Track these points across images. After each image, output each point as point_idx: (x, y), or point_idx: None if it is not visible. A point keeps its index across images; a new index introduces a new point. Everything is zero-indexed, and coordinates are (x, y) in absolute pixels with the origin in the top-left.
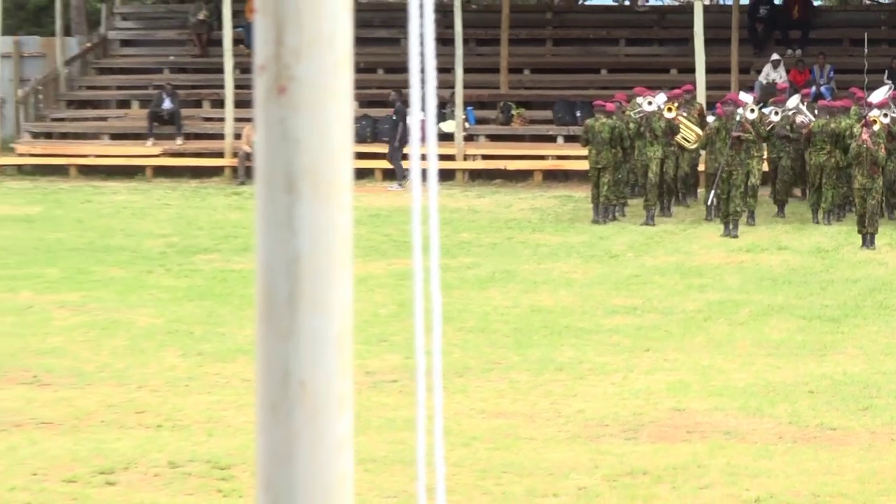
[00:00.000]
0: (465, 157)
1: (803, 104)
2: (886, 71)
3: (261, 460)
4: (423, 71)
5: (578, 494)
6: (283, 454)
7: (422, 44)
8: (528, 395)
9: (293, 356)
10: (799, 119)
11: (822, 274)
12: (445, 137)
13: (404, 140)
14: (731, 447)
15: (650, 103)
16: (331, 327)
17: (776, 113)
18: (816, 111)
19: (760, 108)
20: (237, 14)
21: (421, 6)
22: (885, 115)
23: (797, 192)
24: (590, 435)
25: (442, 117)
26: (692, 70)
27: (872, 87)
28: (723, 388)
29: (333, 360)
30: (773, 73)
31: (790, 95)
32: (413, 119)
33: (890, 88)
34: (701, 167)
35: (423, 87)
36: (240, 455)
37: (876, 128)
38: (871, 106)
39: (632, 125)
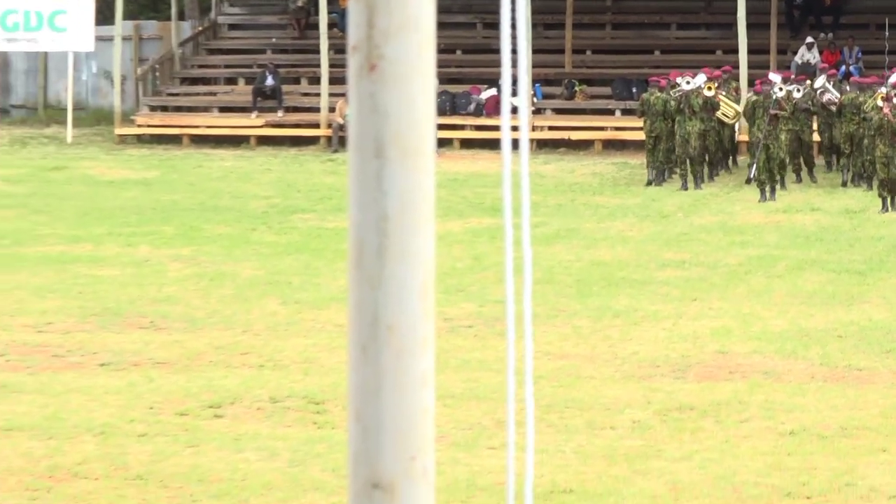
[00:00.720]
0: (534, 129)
1: (829, 83)
2: None
3: (352, 396)
4: (514, 52)
5: (633, 427)
6: (371, 390)
7: (513, 27)
8: (588, 339)
9: (381, 303)
10: (826, 97)
11: (849, 232)
12: (516, 110)
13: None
14: (769, 386)
15: (688, 83)
16: (415, 277)
17: (798, 90)
18: (848, 87)
19: (821, 84)
20: (332, 1)
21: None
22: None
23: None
24: (643, 374)
25: (514, 93)
26: (735, 51)
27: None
28: (761, 333)
29: (417, 306)
30: (807, 55)
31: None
32: (504, 96)
33: None
34: (743, 137)
35: (514, 68)
36: (333, 391)
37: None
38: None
39: (671, 103)
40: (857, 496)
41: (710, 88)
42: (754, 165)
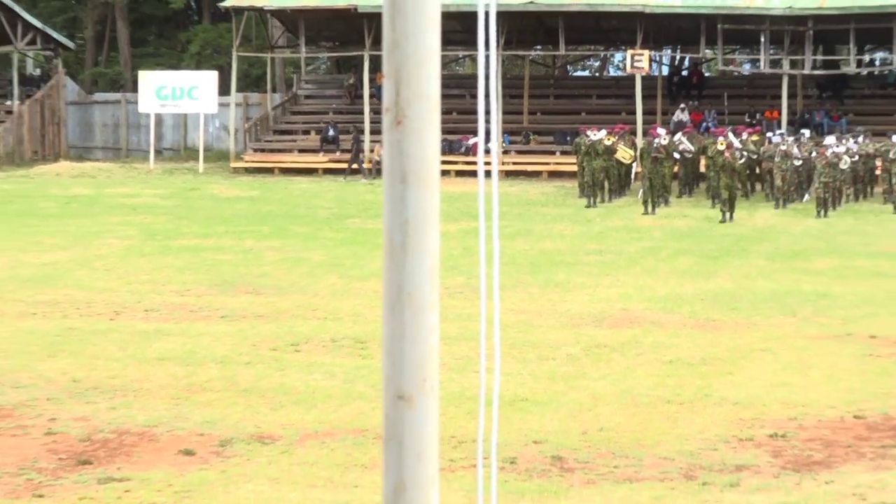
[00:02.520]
0: (502, 163)
1: (684, 137)
2: (746, 114)
3: (385, 338)
4: (487, 112)
5: (567, 358)
6: (397, 334)
7: (486, 96)
8: (537, 300)
9: (404, 278)
10: (681, 147)
11: (707, 232)
12: (489, 152)
13: (357, 149)
14: (655, 331)
15: (593, 133)
16: (426, 261)
17: (674, 140)
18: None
19: (671, 138)
20: (372, 80)
21: (486, 77)
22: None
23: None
24: (574, 324)
25: (489, 140)
26: (634, 113)
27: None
28: (650, 297)
29: (427, 279)
30: (681, 115)
31: (692, 130)
32: (480, 141)
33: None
34: (639, 169)
35: (487, 122)
36: (372, 335)
37: (748, 142)
38: (723, 134)
39: (581, 147)
40: (712, 402)
41: (608, 139)
42: (642, 190)
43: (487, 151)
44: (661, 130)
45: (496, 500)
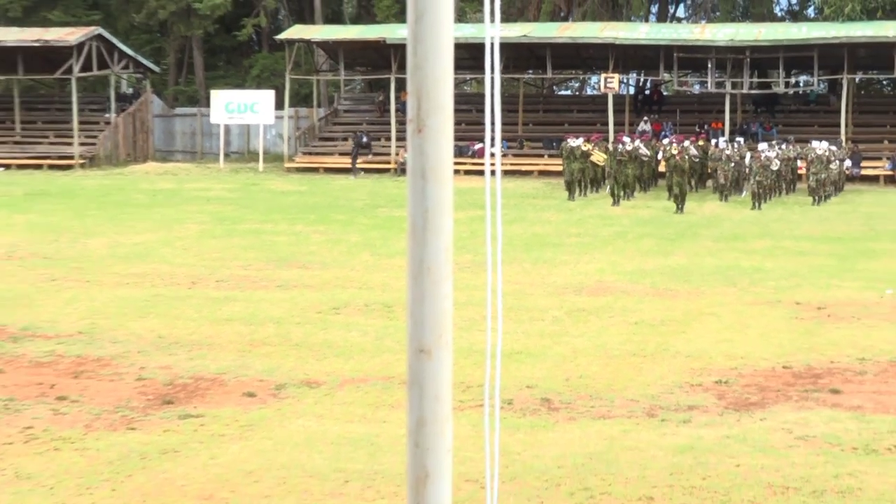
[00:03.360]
0: (502, 164)
1: (641, 143)
2: (696, 125)
3: (408, 302)
4: (493, 123)
5: (553, 319)
6: (419, 299)
7: (492, 110)
8: (530, 273)
9: (425, 254)
10: (640, 151)
11: (666, 219)
12: (492, 155)
13: (356, 153)
14: (625, 298)
15: (573, 141)
16: (442, 241)
17: (637, 147)
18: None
19: (635, 144)
20: (397, 97)
21: (492, 95)
22: (681, 146)
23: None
24: (559, 292)
25: (493, 145)
26: (607, 124)
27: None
28: (621, 271)
29: (443, 256)
30: (644, 126)
31: (651, 138)
32: (486, 146)
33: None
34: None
35: (493, 130)
36: (398, 301)
37: (689, 148)
38: (679, 141)
39: (564, 152)
40: (669, 355)
41: (585, 146)
42: (608, 186)
43: (492, 154)
44: (626, 138)
45: (498, 433)
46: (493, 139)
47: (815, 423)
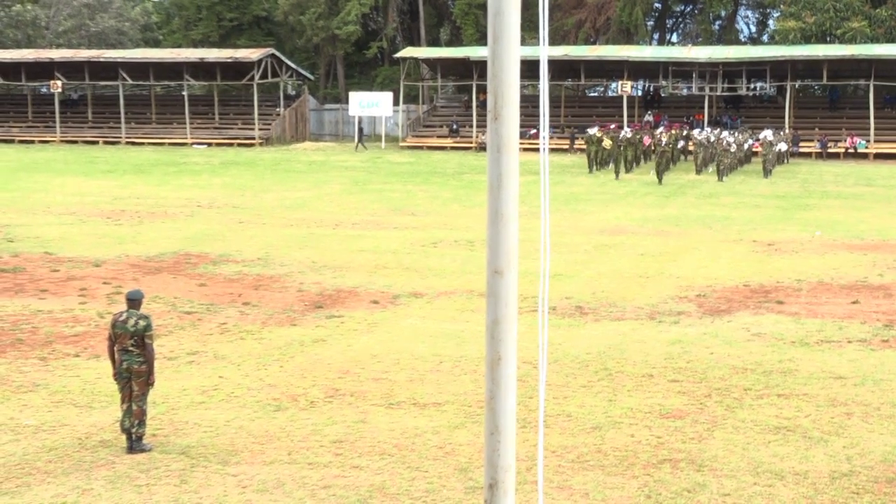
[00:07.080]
0: (549, 144)
1: (631, 132)
2: (685, 117)
3: (487, 238)
4: (544, 115)
5: (584, 252)
6: (494, 236)
7: (544, 107)
8: (567, 219)
9: (499, 204)
10: (629, 136)
11: (660, 187)
12: (543, 137)
13: (360, 137)
14: (634, 238)
15: (593, 130)
16: (510, 195)
17: (634, 133)
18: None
19: (635, 133)
20: (478, 97)
21: (543, 95)
22: (670, 134)
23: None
24: (588, 233)
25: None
26: (622, 117)
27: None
28: (631, 218)
29: (512, 205)
30: (648, 117)
31: (652, 128)
32: (541, 130)
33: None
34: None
35: (544, 120)
36: (478, 238)
37: (664, 136)
38: (668, 130)
39: (585, 138)
40: (665, 277)
41: (599, 132)
42: (612, 163)
43: (543, 137)
44: (627, 129)
45: (546, 329)
46: (544, 126)
47: (766, 324)
